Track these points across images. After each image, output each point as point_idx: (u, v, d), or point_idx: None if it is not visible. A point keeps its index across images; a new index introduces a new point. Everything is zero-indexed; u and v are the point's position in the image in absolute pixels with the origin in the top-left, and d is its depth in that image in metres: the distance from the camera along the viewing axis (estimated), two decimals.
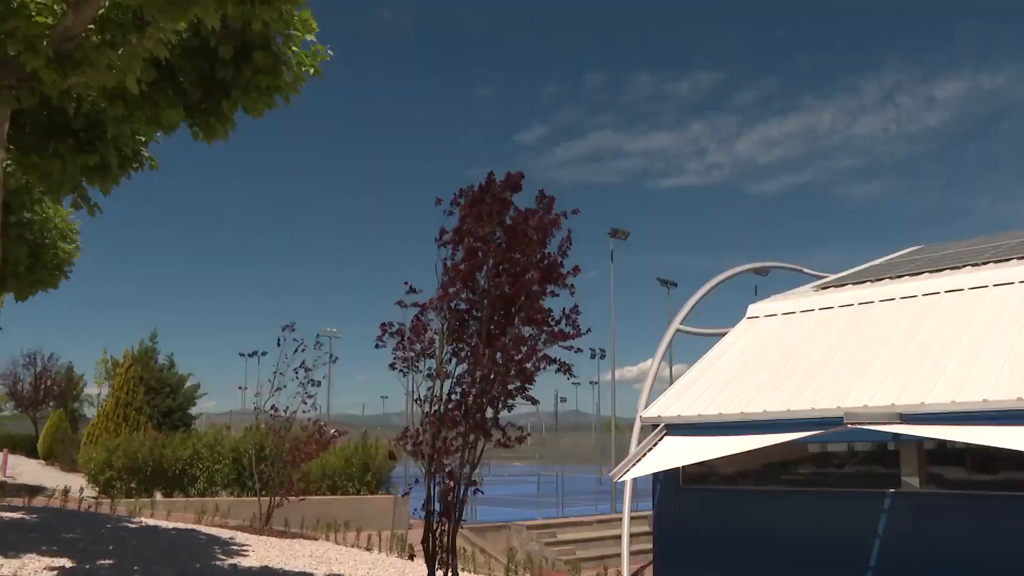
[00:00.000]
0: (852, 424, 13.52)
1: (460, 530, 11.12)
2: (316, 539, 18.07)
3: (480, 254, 10.56)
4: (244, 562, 13.76)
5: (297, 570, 13.48)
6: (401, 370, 10.80)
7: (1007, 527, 13.93)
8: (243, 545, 15.64)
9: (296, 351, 19.22)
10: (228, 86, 7.64)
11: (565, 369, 10.83)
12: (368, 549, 16.94)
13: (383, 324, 10.83)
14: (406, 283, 10.83)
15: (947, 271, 19.06)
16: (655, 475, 17.81)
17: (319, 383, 19.45)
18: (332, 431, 21.04)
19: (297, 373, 19.15)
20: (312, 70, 8.00)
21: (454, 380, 10.64)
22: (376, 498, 26.18)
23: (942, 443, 14.49)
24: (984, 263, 18.78)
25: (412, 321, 10.74)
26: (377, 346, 10.90)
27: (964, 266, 19.03)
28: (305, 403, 19.43)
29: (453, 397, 10.56)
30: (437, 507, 10.42)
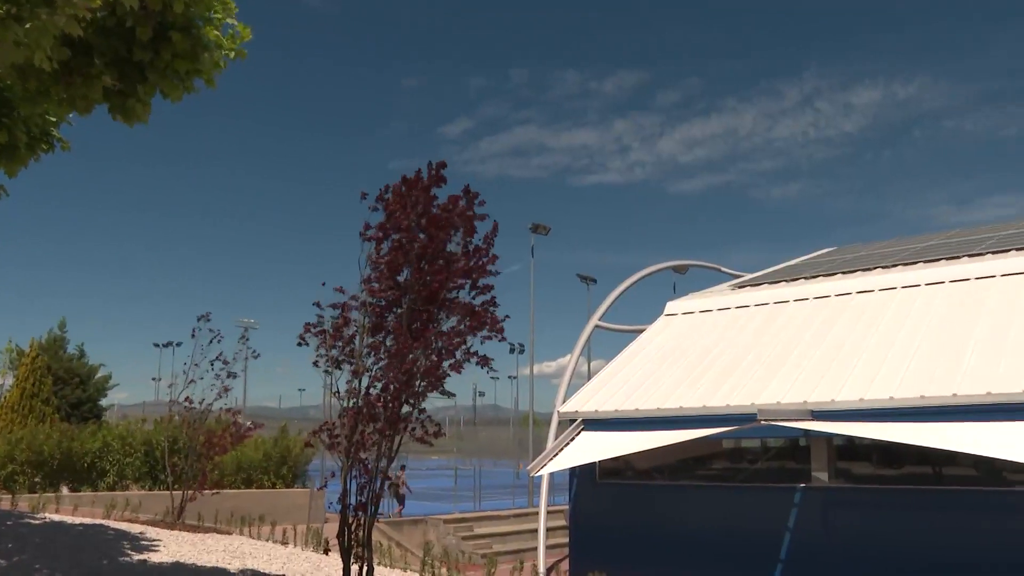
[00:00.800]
0: (765, 421, 13.79)
1: (377, 524, 11.06)
2: (230, 533, 17.76)
3: (404, 247, 10.51)
4: (155, 558, 13.46)
5: (210, 565, 13.24)
6: (325, 369, 10.76)
7: (911, 519, 14.37)
8: (154, 540, 15.30)
9: (212, 342, 18.88)
10: (145, 69, 7.41)
11: (485, 362, 10.84)
12: (283, 543, 16.71)
13: (307, 324, 10.78)
14: (323, 283, 10.83)
15: (859, 273, 19.57)
16: (572, 470, 17.95)
17: (236, 375, 19.13)
18: (248, 423, 20.71)
19: (213, 364, 18.80)
20: (233, 54, 7.83)
21: (372, 374, 10.58)
22: (292, 492, 25.85)
23: (851, 439, 14.89)
24: (894, 265, 19.32)
25: (336, 319, 10.69)
26: (299, 344, 10.82)
27: (875, 268, 19.55)
28: (222, 395, 19.08)
29: (372, 391, 10.49)
30: (353, 500, 10.34)
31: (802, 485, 15.51)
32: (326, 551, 15.27)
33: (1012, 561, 13.20)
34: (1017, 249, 18.02)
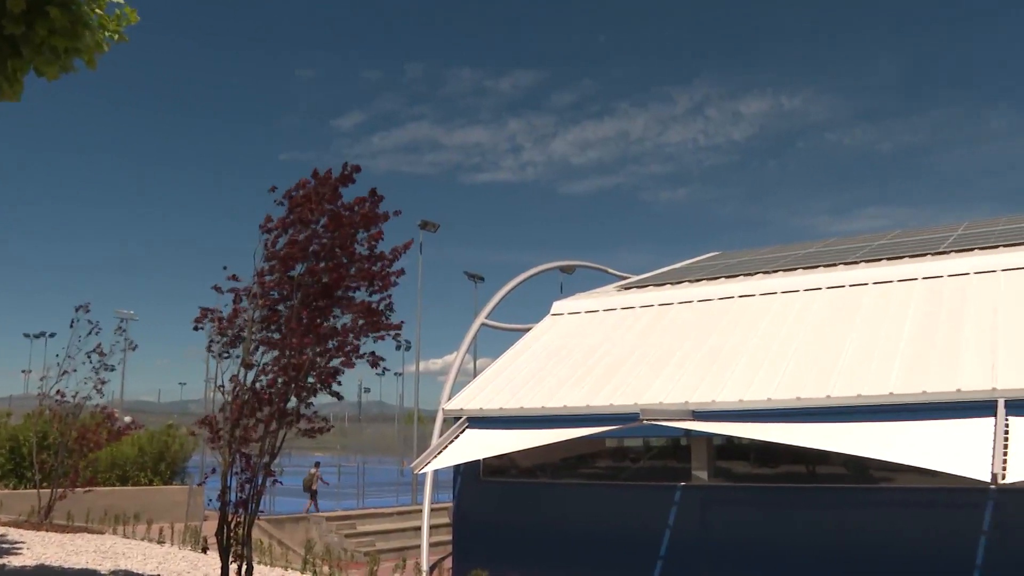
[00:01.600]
0: (647, 420, 14.04)
1: (257, 522, 10.83)
2: (102, 533, 17.15)
3: (301, 243, 10.34)
4: (16, 561, 12.80)
5: (79, 567, 12.71)
6: (219, 354, 10.52)
7: (786, 516, 14.88)
8: (16, 542, 14.63)
9: (91, 333, 18.20)
10: (18, 43, 7.04)
11: (376, 362, 10.74)
12: (160, 542, 16.22)
13: (203, 309, 10.52)
14: (224, 267, 10.58)
15: (741, 277, 20.12)
16: (456, 467, 17.95)
17: (113, 368, 18.49)
18: (126, 420, 20.05)
19: (90, 357, 18.13)
20: (117, 36, 7.52)
21: (259, 367, 10.38)
22: (170, 489, 25.11)
23: (730, 439, 15.31)
24: (775, 271, 19.94)
25: (231, 307, 10.48)
26: (196, 328, 10.56)
27: (757, 273, 20.13)
28: (98, 389, 18.42)
29: (258, 385, 10.29)
30: (233, 497, 10.11)
31: (682, 484, 15.86)
32: (204, 550, 14.90)
33: (879, 554, 13.83)
34: (888, 259, 18.82)
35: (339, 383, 10.64)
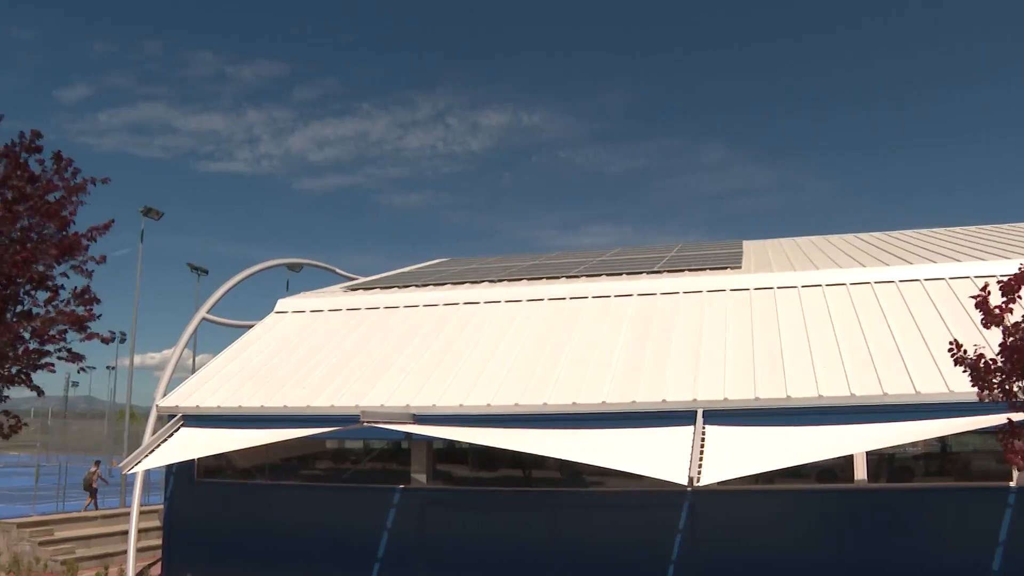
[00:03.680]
0: (368, 422, 14.00)
1: None
2: None
3: None
4: None
5: None
6: None
7: (502, 518, 15.34)
8: None
9: None
10: None
11: (74, 358, 10.02)
12: None
13: None
14: None
15: (468, 284, 20.54)
16: (169, 467, 17.15)
17: None
18: None
19: None
20: None
21: None
22: None
23: (451, 443, 15.54)
24: (500, 280, 20.51)
25: None
26: None
27: (483, 281, 20.62)
28: None
29: None
30: None
31: (401, 486, 15.94)
32: None
33: (589, 552, 14.65)
34: (608, 275, 19.87)
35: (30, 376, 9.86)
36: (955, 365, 9.10)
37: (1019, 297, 8.80)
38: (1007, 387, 8.61)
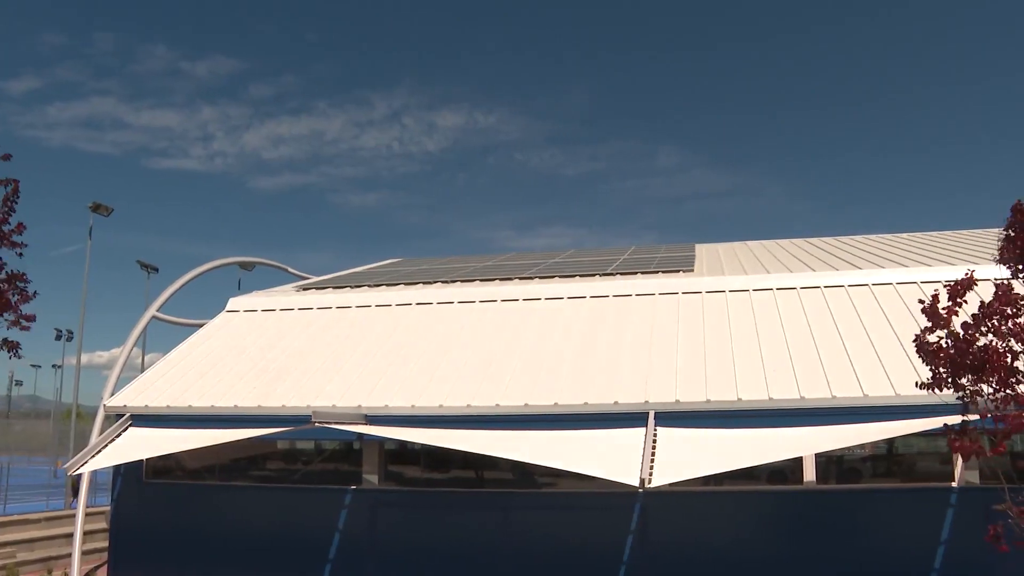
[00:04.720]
0: (320, 423, 13.89)
1: None
2: None
3: None
4: None
5: None
6: None
7: (454, 519, 15.33)
8: None
9: None
10: None
11: (12, 347, 9.77)
12: None
13: None
14: None
15: (420, 285, 20.47)
16: (116, 468, 16.89)
17: None
18: None
19: None
20: None
21: None
22: None
23: (403, 444, 15.49)
24: (453, 281, 20.47)
25: None
26: None
27: (436, 282, 20.57)
28: None
29: None
30: None
31: (353, 487, 15.85)
32: None
33: (540, 553, 14.71)
34: (561, 276, 19.92)
35: None
36: (917, 353, 9.23)
37: (964, 301, 9.01)
38: (956, 380, 8.79)
